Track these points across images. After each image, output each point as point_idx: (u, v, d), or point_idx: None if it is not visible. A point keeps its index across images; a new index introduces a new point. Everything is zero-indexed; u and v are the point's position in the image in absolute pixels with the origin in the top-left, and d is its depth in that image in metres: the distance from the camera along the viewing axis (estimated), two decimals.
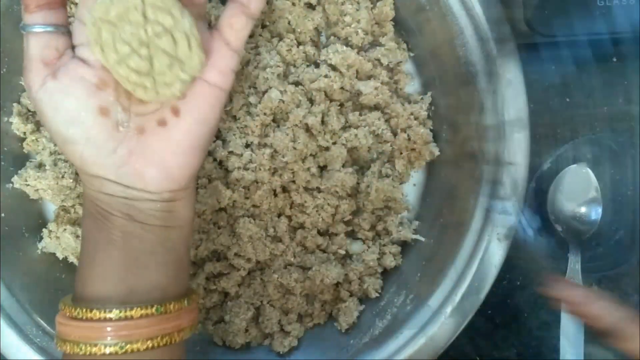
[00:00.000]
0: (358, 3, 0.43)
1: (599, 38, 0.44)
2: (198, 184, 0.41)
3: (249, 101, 0.41)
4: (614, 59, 0.48)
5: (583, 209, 0.46)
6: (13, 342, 0.38)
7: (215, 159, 0.41)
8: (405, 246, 0.44)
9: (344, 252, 0.43)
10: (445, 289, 0.39)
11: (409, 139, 0.43)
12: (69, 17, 0.41)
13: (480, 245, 0.38)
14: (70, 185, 0.41)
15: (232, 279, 0.42)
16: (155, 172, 0.30)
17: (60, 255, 0.42)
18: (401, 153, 0.43)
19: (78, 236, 0.41)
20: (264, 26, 0.43)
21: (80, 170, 0.31)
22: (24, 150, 0.43)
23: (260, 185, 0.41)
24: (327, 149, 0.42)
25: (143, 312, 0.29)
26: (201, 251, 0.42)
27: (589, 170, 0.46)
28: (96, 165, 0.29)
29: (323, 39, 0.44)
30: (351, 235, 0.44)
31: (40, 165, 0.42)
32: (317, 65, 0.42)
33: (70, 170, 0.41)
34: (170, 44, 0.28)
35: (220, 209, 0.42)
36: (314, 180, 0.42)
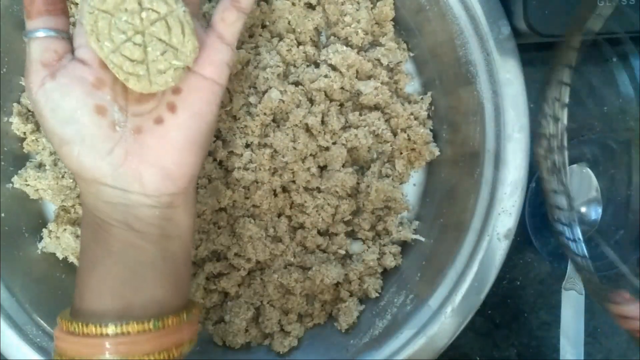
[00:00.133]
0: (358, 3, 0.43)
1: (599, 38, 0.44)
2: (198, 184, 0.41)
3: (249, 101, 0.41)
4: (614, 59, 0.48)
5: (583, 209, 0.46)
6: (13, 342, 0.38)
7: (215, 159, 0.41)
8: (405, 246, 0.44)
9: (344, 252, 0.43)
10: (445, 289, 0.39)
11: (409, 139, 0.43)
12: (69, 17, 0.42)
13: (480, 245, 0.38)
14: (70, 185, 0.41)
15: (232, 279, 0.42)
16: (153, 173, 0.30)
17: (60, 255, 0.42)
18: (401, 153, 0.43)
19: (78, 236, 0.41)
20: (264, 26, 0.43)
21: (77, 177, 0.30)
22: (24, 150, 0.43)
23: (260, 185, 0.41)
24: (327, 149, 0.42)
25: (140, 328, 0.29)
26: (201, 251, 0.42)
27: (589, 170, 0.46)
28: (92, 168, 0.29)
29: (323, 39, 0.44)
30: (351, 235, 0.44)
31: (40, 165, 0.42)
32: (317, 65, 0.42)
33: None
34: (164, 30, 0.28)
35: (220, 209, 0.42)
36: (314, 180, 0.42)
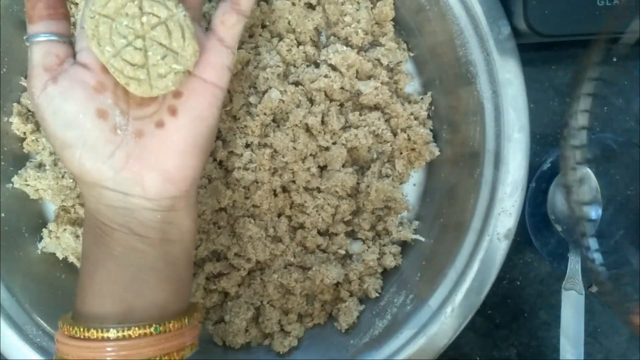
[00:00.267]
0: (358, 3, 0.43)
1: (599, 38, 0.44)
2: (198, 185, 0.41)
3: (249, 101, 0.41)
4: (614, 59, 0.48)
5: (583, 209, 0.46)
6: (13, 342, 0.38)
7: (215, 159, 0.41)
8: (405, 246, 0.44)
9: (344, 252, 0.43)
10: (445, 289, 0.39)
11: (409, 139, 0.43)
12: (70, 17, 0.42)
13: (480, 245, 0.38)
14: (70, 185, 0.41)
15: (232, 279, 0.42)
16: (154, 176, 0.30)
17: (60, 255, 0.42)
18: (401, 153, 0.43)
19: (78, 236, 0.41)
20: (264, 26, 0.43)
21: (79, 180, 0.30)
22: (24, 150, 0.43)
23: (260, 185, 0.41)
24: (327, 149, 0.42)
25: (141, 332, 0.29)
26: (201, 251, 0.42)
27: (589, 170, 0.46)
28: (94, 171, 0.29)
29: (323, 39, 0.44)
30: (351, 235, 0.44)
31: (40, 165, 0.42)
32: (317, 65, 0.42)
33: None
34: (164, 34, 0.28)
35: (220, 209, 0.42)
36: (314, 180, 0.42)
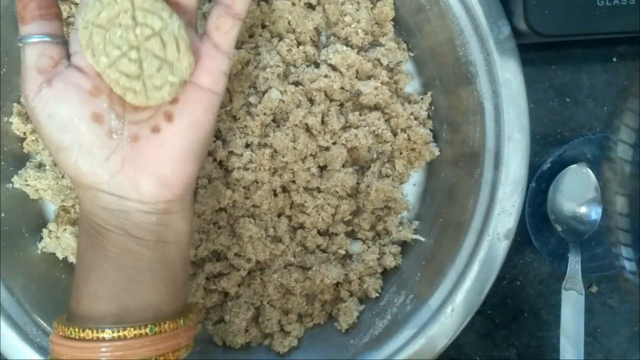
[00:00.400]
0: (358, 3, 0.43)
1: (599, 38, 0.44)
2: (198, 184, 0.41)
3: (249, 101, 0.41)
4: (614, 59, 0.48)
5: (583, 209, 0.46)
6: (13, 342, 0.38)
7: (215, 159, 0.41)
8: (405, 246, 0.44)
9: (344, 252, 0.43)
10: (445, 289, 0.39)
11: (409, 139, 0.43)
12: (68, 17, 0.42)
13: (480, 245, 0.38)
14: (70, 185, 0.41)
15: (232, 279, 0.42)
16: (150, 180, 0.30)
17: (60, 255, 0.42)
18: (401, 153, 0.43)
19: (78, 236, 0.41)
20: (264, 26, 0.43)
21: (74, 182, 0.30)
22: (24, 150, 0.43)
23: (260, 185, 0.41)
24: (327, 149, 0.42)
25: (137, 332, 0.29)
26: (201, 251, 0.42)
27: (589, 170, 0.46)
28: (89, 174, 0.29)
29: (323, 39, 0.44)
30: (351, 235, 0.44)
31: (40, 165, 0.42)
32: (317, 65, 0.42)
33: None
34: (159, 46, 0.28)
35: (220, 209, 0.42)
36: (314, 180, 0.42)
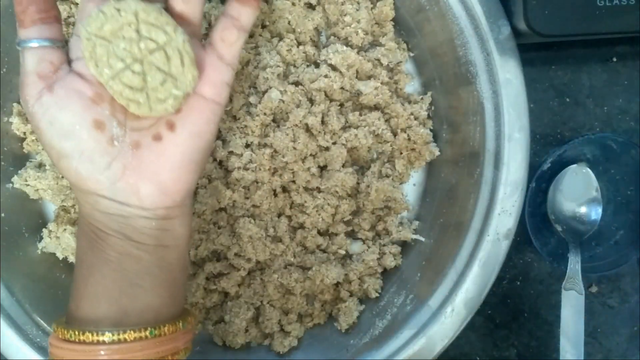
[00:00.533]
0: (358, 3, 0.43)
1: (599, 38, 0.44)
2: (198, 184, 0.41)
3: (249, 101, 0.41)
4: (614, 59, 0.48)
5: (583, 209, 0.46)
6: (13, 342, 0.38)
7: (215, 159, 0.41)
8: (405, 246, 0.44)
9: (344, 252, 0.43)
10: (445, 289, 0.39)
11: (409, 139, 0.43)
12: (68, 18, 0.42)
13: (480, 245, 0.38)
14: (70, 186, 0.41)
15: (232, 279, 0.42)
16: (150, 188, 0.30)
17: (60, 255, 0.42)
18: (401, 153, 0.43)
19: None
20: (264, 26, 0.43)
21: (75, 187, 0.30)
22: (24, 150, 0.43)
23: (260, 185, 0.41)
24: (327, 149, 0.42)
25: (137, 335, 0.29)
26: (201, 251, 0.42)
27: (589, 170, 0.46)
28: (90, 181, 0.29)
29: (323, 39, 0.44)
30: (351, 235, 0.44)
31: (40, 165, 0.42)
32: (317, 65, 0.42)
33: None
34: (163, 60, 0.28)
35: (220, 209, 0.42)
36: (314, 180, 0.42)
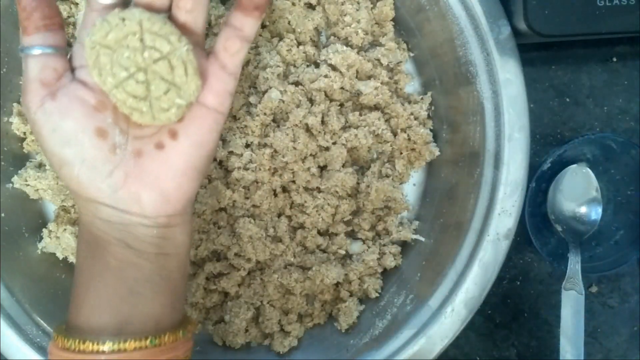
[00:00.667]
0: (358, 3, 0.43)
1: (599, 38, 0.44)
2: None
3: (249, 101, 0.41)
4: (614, 59, 0.48)
5: (583, 209, 0.46)
6: (13, 342, 0.38)
7: (215, 159, 0.41)
8: (405, 246, 0.44)
9: (344, 252, 0.43)
10: (445, 289, 0.39)
11: (409, 139, 0.43)
12: (68, 17, 0.42)
13: (480, 245, 0.38)
14: None
15: (232, 279, 0.42)
16: (152, 196, 0.30)
17: (60, 255, 0.42)
18: (401, 153, 0.43)
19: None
20: (264, 26, 0.43)
21: (76, 195, 0.30)
22: (24, 150, 0.43)
23: (260, 185, 0.41)
24: (327, 149, 0.42)
25: (137, 345, 0.29)
26: (201, 251, 0.42)
27: (589, 170, 0.46)
28: (92, 188, 0.29)
29: (323, 39, 0.44)
30: (351, 235, 0.44)
31: (40, 165, 0.42)
32: (317, 65, 0.42)
33: None
34: (167, 69, 0.28)
35: (220, 209, 0.42)
36: (314, 180, 0.42)
